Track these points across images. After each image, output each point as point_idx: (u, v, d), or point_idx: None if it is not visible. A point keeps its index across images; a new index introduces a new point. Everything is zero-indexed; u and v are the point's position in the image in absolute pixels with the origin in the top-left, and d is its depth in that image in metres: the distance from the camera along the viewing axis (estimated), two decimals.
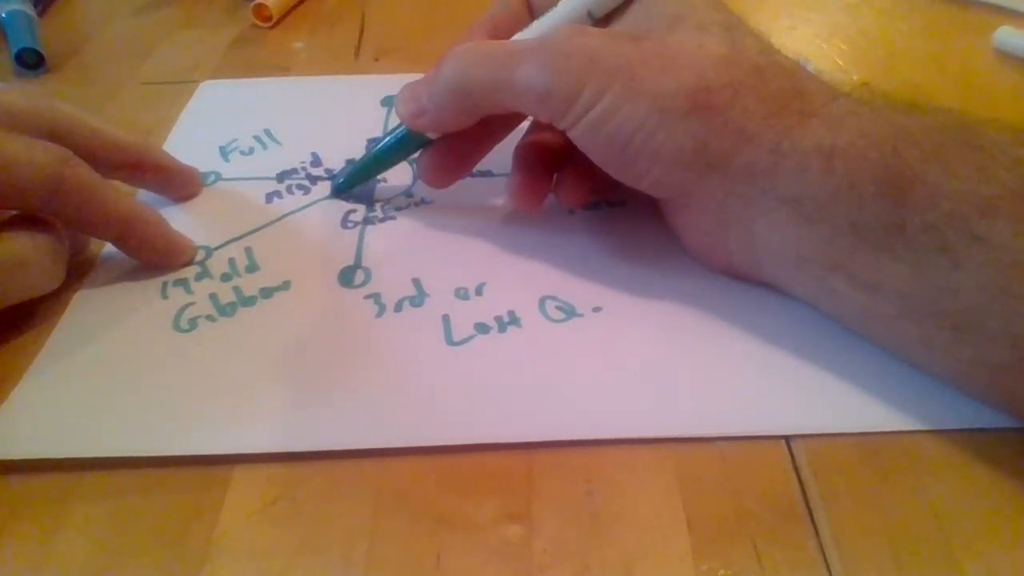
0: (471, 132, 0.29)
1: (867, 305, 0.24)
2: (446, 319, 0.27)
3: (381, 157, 0.33)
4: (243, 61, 0.45)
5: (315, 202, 0.33)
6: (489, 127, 0.30)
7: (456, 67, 0.27)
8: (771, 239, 0.25)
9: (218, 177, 0.35)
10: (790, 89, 0.25)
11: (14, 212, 0.27)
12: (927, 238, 0.22)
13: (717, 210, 0.26)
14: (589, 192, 0.30)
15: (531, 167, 0.30)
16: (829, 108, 0.24)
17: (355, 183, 0.34)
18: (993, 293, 0.21)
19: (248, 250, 0.31)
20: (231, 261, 0.30)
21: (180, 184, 0.33)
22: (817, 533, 0.21)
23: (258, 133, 0.38)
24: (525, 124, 0.33)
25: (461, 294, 0.28)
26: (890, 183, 0.22)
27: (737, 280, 0.28)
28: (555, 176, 0.31)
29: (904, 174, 0.22)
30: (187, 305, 0.28)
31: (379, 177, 0.34)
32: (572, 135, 0.26)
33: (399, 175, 0.34)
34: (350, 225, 0.32)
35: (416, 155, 0.31)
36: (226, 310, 0.28)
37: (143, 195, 0.33)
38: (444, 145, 0.30)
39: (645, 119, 0.25)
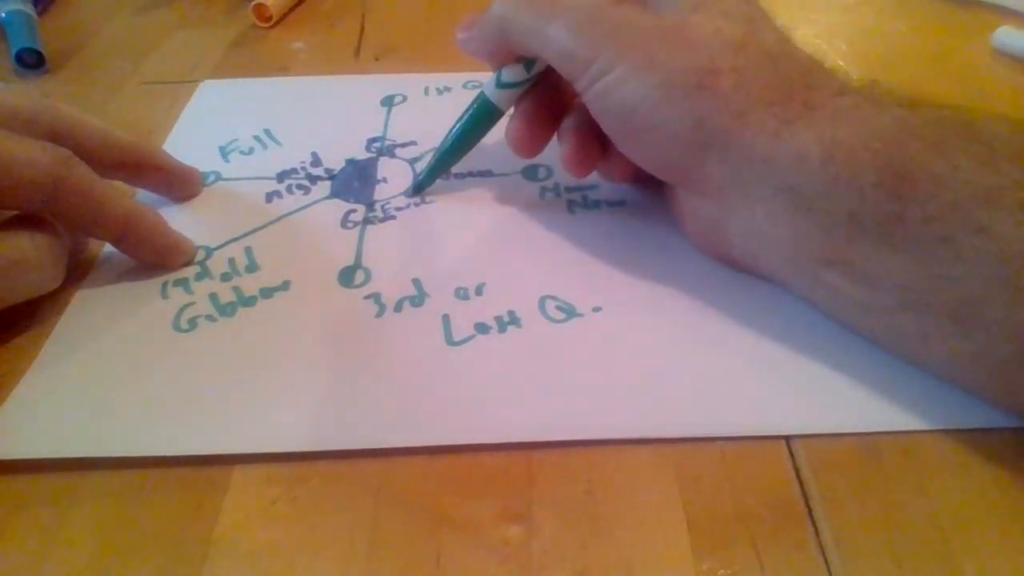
0: (547, 97, 0.30)
1: (865, 300, 0.24)
2: (446, 319, 0.27)
3: (461, 140, 0.33)
4: (243, 61, 0.45)
5: (315, 202, 0.33)
6: (565, 90, 0.31)
7: (503, 6, 0.28)
8: (769, 231, 0.25)
9: (218, 177, 0.35)
10: (800, 81, 0.25)
11: (14, 212, 0.27)
12: (928, 228, 0.22)
13: (717, 196, 0.26)
14: (634, 170, 0.30)
15: (583, 136, 0.30)
16: (835, 102, 0.25)
17: (438, 173, 0.33)
18: (994, 284, 0.21)
19: (248, 250, 0.31)
20: (231, 261, 0.30)
21: (180, 184, 0.33)
22: (817, 533, 0.21)
23: (258, 133, 0.38)
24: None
25: (461, 294, 0.28)
26: (891, 173, 0.22)
27: (737, 271, 0.28)
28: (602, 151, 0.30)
29: (905, 165, 0.22)
30: (187, 305, 0.28)
31: (379, 177, 0.34)
32: (585, 99, 0.27)
33: (399, 175, 0.34)
34: (350, 225, 0.32)
35: (416, 155, 0.31)
36: (226, 310, 0.28)
37: (143, 195, 0.33)
38: (525, 115, 0.31)
39: (649, 92, 0.25)
